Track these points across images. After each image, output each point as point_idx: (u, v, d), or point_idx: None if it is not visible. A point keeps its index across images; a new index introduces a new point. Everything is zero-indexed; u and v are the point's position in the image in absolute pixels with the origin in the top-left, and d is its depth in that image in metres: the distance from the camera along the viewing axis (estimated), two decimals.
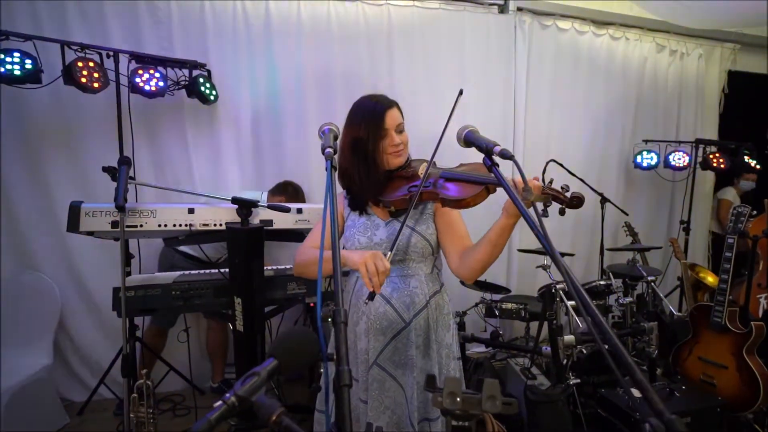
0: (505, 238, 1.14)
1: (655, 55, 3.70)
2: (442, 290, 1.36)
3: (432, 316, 1.30)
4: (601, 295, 2.50)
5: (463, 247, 1.27)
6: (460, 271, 1.27)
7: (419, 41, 3.04)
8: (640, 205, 3.80)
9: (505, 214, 1.11)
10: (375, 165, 1.24)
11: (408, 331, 1.26)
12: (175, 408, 2.66)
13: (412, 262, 1.29)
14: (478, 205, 1.15)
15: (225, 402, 0.52)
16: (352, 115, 1.29)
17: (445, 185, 1.18)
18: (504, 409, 0.58)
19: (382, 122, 1.24)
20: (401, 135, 1.28)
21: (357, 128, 1.24)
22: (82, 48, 2.24)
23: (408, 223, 1.27)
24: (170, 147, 2.70)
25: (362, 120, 1.25)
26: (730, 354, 2.13)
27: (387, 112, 1.25)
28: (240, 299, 1.72)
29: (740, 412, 2.09)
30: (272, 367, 0.56)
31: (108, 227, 1.55)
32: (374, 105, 1.27)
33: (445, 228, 1.31)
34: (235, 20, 2.73)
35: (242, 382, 0.53)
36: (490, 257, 1.18)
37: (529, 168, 3.26)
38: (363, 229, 1.30)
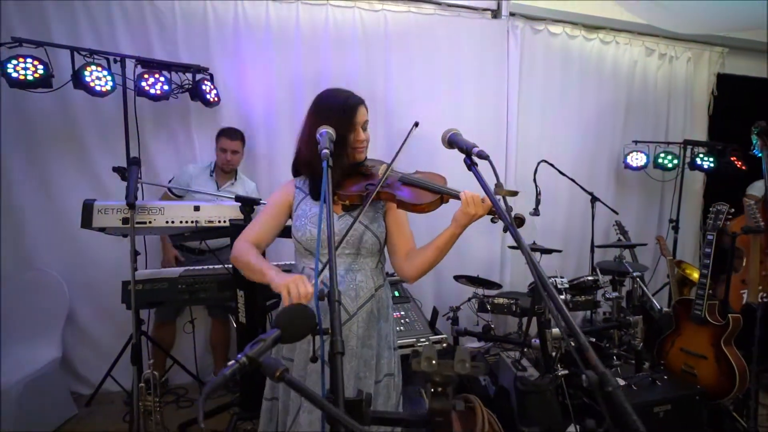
0: (450, 245, 1.23)
1: (645, 59, 3.81)
2: (386, 283, 1.43)
3: (374, 307, 1.36)
4: (589, 290, 2.60)
5: (408, 248, 1.34)
6: (404, 269, 1.34)
7: (415, 46, 3.15)
8: (631, 205, 3.91)
9: (454, 224, 1.18)
10: (339, 158, 1.28)
11: (351, 323, 1.32)
12: (178, 400, 2.76)
13: (361, 257, 1.34)
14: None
15: (237, 362, 0.62)
16: (320, 107, 1.32)
17: (402, 188, 1.26)
18: (473, 371, 0.68)
19: (353, 117, 1.29)
20: (365, 132, 1.35)
21: (326, 120, 1.24)
22: (91, 53, 2.34)
23: (362, 220, 1.32)
24: (174, 148, 2.80)
25: (332, 113, 1.28)
26: (710, 345, 2.23)
27: (358, 108, 1.31)
28: (243, 292, 1.82)
29: (718, 399, 2.20)
30: (275, 336, 0.66)
31: (119, 224, 1.65)
32: (345, 99, 1.31)
33: (394, 228, 1.38)
34: (236, 25, 2.84)
35: (251, 347, 0.62)
36: (436, 260, 1.27)
37: (522, 168, 3.39)
38: (315, 220, 1.30)
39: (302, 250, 1.36)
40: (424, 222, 1.61)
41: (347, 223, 1.31)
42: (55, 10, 2.52)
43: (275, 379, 0.60)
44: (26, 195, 2.62)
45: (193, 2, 2.76)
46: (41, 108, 2.53)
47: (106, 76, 2.33)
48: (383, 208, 1.40)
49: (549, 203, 3.53)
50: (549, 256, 3.40)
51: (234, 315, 1.89)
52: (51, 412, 2.44)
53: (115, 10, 2.62)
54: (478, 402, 2.03)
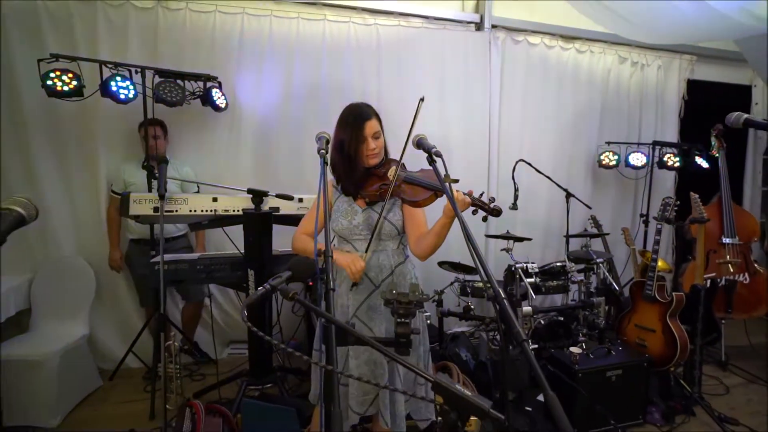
0: (445, 231, 1.51)
1: (618, 66, 4.14)
2: (407, 261, 1.74)
3: (397, 280, 1.67)
4: (558, 275, 2.92)
5: (420, 234, 1.64)
6: (416, 252, 1.65)
7: (404, 56, 3.45)
8: (606, 201, 4.23)
9: (444, 215, 1.47)
10: (355, 163, 1.61)
11: (378, 292, 1.64)
12: (192, 374, 3.08)
13: (383, 241, 1.66)
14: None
15: (264, 287, 0.93)
16: (340, 120, 1.63)
17: (405, 189, 1.56)
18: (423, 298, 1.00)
19: (362, 131, 1.59)
20: (377, 141, 1.63)
21: (342, 132, 1.59)
22: (116, 66, 2.66)
23: (377, 210, 1.64)
24: (187, 147, 3.11)
25: (347, 126, 1.60)
26: (658, 320, 2.56)
27: (366, 122, 1.60)
28: (253, 271, 2.14)
29: (663, 366, 2.52)
30: (288, 275, 0.97)
31: (151, 212, 1.97)
32: (357, 115, 1.60)
33: (407, 218, 1.68)
34: (241, 38, 3.13)
35: (272, 280, 0.94)
36: (437, 244, 1.56)
37: (504, 167, 3.71)
38: (344, 213, 1.65)
39: (339, 237, 1.69)
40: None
41: (369, 215, 1.64)
42: (80, 25, 2.83)
43: (288, 298, 0.91)
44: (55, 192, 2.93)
45: (203, 15, 3.07)
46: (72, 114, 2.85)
47: (129, 86, 2.64)
48: (399, 202, 1.69)
49: (530, 199, 3.87)
50: (531, 247, 3.74)
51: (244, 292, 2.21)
52: (81, 382, 2.76)
53: (132, 23, 2.92)
54: (455, 367, 2.37)
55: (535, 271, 2.82)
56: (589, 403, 2.31)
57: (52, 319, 2.81)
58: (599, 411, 2.32)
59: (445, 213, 1.45)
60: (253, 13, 3.11)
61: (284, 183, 3.19)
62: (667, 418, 2.50)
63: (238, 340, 3.49)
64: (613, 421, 2.30)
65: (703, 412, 2.55)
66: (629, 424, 2.43)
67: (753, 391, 2.86)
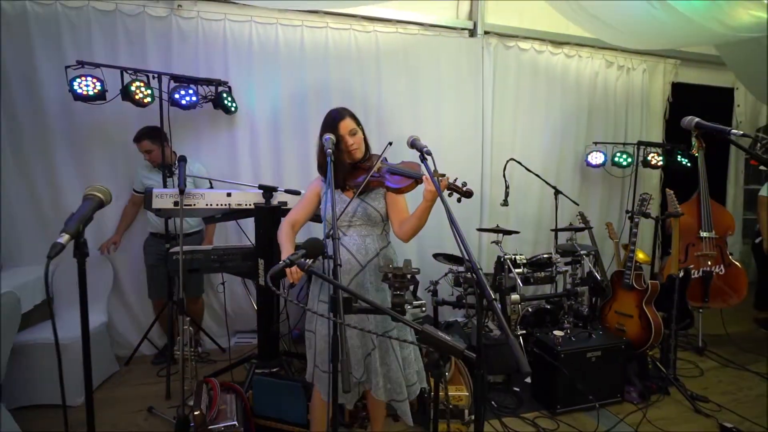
0: (426, 214, 1.72)
1: (605, 70, 4.36)
2: (389, 246, 1.95)
3: (381, 262, 1.86)
4: (545, 266, 3.14)
5: (402, 218, 1.86)
6: (399, 234, 1.86)
7: (402, 61, 3.66)
8: (594, 198, 4.45)
9: (424, 200, 1.66)
10: (340, 159, 1.81)
11: (364, 272, 1.83)
12: (203, 360, 3.28)
13: (368, 226, 1.86)
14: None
15: (284, 261, 1.13)
16: (322, 125, 1.86)
17: (388, 177, 1.77)
18: (413, 272, 1.20)
19: (337, 130, 1.80)
20: (354, 137, 1.82)
21: (323, 134, 1.80)
22: (135, 72, 2.86)
23: (366, 199, 1.86)
24: (200, 147, 3.31)
25: (327, 127, 1.83)
26: (635, 306, 2.78)
27: (340, 123, 1.81)
28: (263, 260, 2.35)
29: (640, 349, 2.74)
30: (302, 252, 1.18)
31: (171, 206, 2.17)
32: (333, 118, 1.83)
33: (390, 205, 1.90)
34: (250, 45, 3.33)
35: (290, 256, 1.14)
36: (418, 226, 1.77)
37: (496, 166, 3.92)
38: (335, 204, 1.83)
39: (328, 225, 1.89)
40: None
41: (357, 204, 1.85)
42: (99, 33, 3.03)
43: (304, 271, 1.11)
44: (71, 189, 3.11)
45: (214, 23, 3.27)
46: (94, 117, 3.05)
47: (147, 90, 2.84)
48: (383, 192, 1.91)
49: (521, 196, 4.09)
50: (522, 242, 3.96)
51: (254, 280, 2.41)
52: (100, 366, 2.96)
53: (148, 31, 3.12)
54: None
55: (523, 262, 3.03)
56: (571, 382, 2.52)
57: (73, 307, 3.01)
58: (580, 389, 2.53)
59: (426, 198, 1.65)
60: (261, 21, 3.31)
61: (291, 179, 3.42)
62: (644, 396, 2.71)
63: (244, 330, 3.70)
64: (592, 397, 2.52)
65: (677, 391, 2.77)
66: (608, 402, 2.64)
67: (725, 374, 3.08)
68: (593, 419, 2.49)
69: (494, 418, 2.51)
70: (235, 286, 3.49)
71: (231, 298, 3.50)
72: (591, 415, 2.53)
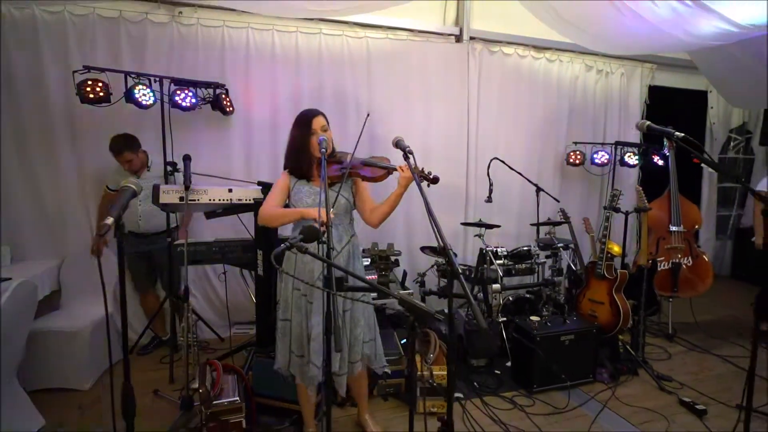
0: (398, 200, 1.97)
1: (585, 74, 4.59)
2: (355, 235, 2.15)
3: (351, 249, 2.10)
4: (524, 257, 3.36)
5: (370, 206, 2.10)
6: (370, 219, 2.09)
7: (392, 65, 3.86)
8: (574, 195, 4.69)
9: (399, 185, 1.90)
10: (307, 153, 2.02)
11: (339, 256, 2.02)
12: (203, 348, 3.46)
13: (340, 216, 2.06)
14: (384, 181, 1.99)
15: (285, 244, 1.32)
16: (294, 124, 2.06)
17: (363, 168, 2.00)
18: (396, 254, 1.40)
19: (311, 125, 2.01)
20: (326, 133, 2.02)
21: (295, 130, 2.03)
22: (138, 76, 3.03)
23: (335, 189, 2.03)
24: (199, 147, 3.47)
25: (299, 125, 2.03)
26: (606, 293, 3.01)
27: (314, 119, 2.01)
28: (261, 251, 2.53)
29: (609, 333, 2.97)
30: (301, 237, 1.37)
31: (177, 200, 2.36)
32: (306, 115, 2.03)
33: (359, 194, 2.12)
34: (247, 49, 3.52)
35: (290, 239, 1.34)
36: (388, 212, 2.02)
37: (481, 165, 4.14)
38: (307, 194, 2.03)
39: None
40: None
41: (332, 195, 2.01)
42: (103, 38, 3.20)
43: (302, 252, 1.31)
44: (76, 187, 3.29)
45: (213, 29, 3.45)
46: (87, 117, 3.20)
47: (149, 93, 3.01)
48: (351, 183, 2.12)
49: (505, 193, 4.31)
50: (505, 237, 4.18)
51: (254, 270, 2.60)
52: (105, 353, 3.13)
53: (150, 37, 3.29)
54: (433, 334, 2.78)
55: (504, 254, 3.25)
56: (546, 364, 2.74)
57: (79, 298, 3.18)
58: (554, 370, 2.75)
59: (400, 184, 1.89)
60: (257, 28, 3.50)
61: None
62: (614, 377, 2.94)
63: (241, 322, 3.88)
64: (564, 376, 2.74)
65: (645, 372, 3.00)
66: (581, 382, 2.87)
67: (690, 357, 3.33)
68: (566, 397, 2.71)
69: (476, 396, 2.73)
70: (231, 280, 3.67)
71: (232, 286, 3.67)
72: (565, 394, 2.75)
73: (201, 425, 2.18)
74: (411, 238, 3.91)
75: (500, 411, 2.60)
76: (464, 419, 2.51)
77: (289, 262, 2.09)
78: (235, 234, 3.21)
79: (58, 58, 3.08)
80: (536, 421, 2.50)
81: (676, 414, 2.58)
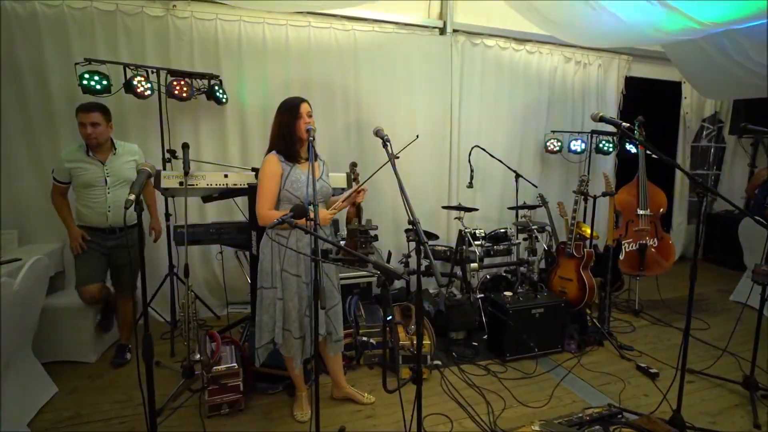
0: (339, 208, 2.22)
1: (564, 65, 4.81)
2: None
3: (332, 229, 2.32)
4: (501, 239, 3.61)
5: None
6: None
7: (378, 57, 4.04)
8: (553, 181, 4.93)
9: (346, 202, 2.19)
10: (294, 137, 2.18)
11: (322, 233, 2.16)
12: (201, 325, 3.68)
13: (323, 202, 2.29)
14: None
15: (278, 219, 1.54)
16: (279, 109, 2.21)
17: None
18: (373, 228, 1.63)
19: (297, 110, 2.18)
20: (311, 119, 2.21)
21: (282, 116, 2.19)
22: (136, 67, 3.20)
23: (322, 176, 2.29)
24: (194, 135, 3.65)
25: (285, 111, 2.19)
26: (574, 271, 3.27)
27: (301, 104, 2.19)
28: (255, 232, 2.74)
29: (576, 307, 3.24)
30: (292, 214, 1.59)
31: (177, 185, 2.55)
32: (293, 100, 2.21)
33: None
34: (239, 41, 3.68)
35: (282, 216, 1.55)
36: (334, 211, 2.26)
37: (464, 152, 4.36)
38: (306, 183, 2.16)
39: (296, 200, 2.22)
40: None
41: (321, 184, 2.26)
42: (101, 30, 3.34)
43: (292, 226, 1.52)
44: None
45: (207, 22, 3.60)
46: None
47: (147, 84, 3.18)
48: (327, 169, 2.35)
49: (486, 179, 4.54)
50: (486, 221, 4.42)
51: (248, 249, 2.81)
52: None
53: (147, 30, 3.44)
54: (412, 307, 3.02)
55: (482, 236, 3.49)
56: (518, 334, 3.00)
57: None
58: (525, 340, 3.02)
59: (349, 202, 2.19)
60: (249, 21, 3.66)
61: None
62: (581, 348, 3.21)
63: (236, 302, 4.09)
64: (534, 345, 3.00)
65: (609, 344, 3.28)
66: (550, 352, 3.14)
67: (653, 330, 3.62)
68: (536, 365, 2.98)
69: (454, 365, 2.99)
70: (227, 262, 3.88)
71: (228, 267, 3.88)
72: (535, 362, 3.02)
73: (203, 387, 2.41)
74: (396, 220, 4.14)
75: (475, 377, 2.86)
76: (442, 384, 2.77)
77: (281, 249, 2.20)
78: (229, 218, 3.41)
79: (60, 50, 3.23)
80: (507, 384, 2.77)
81: (632, 377, 2.86)
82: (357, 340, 2.94)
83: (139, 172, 1.60)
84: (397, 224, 4.18)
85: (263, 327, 2.28)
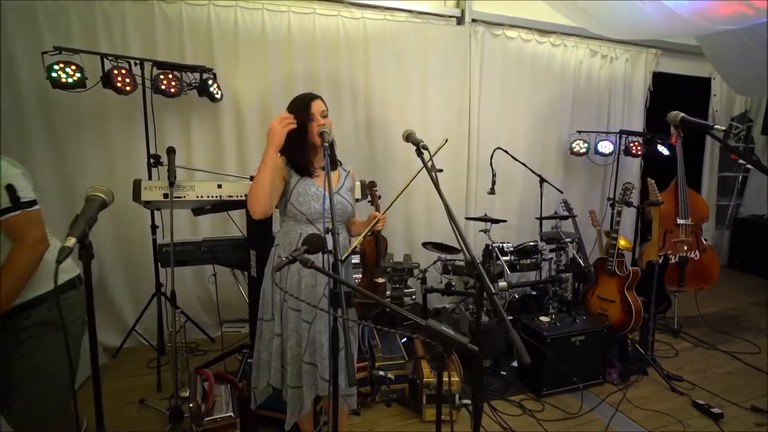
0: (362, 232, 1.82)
1: (589, 59, 4.42)
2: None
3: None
4: (531, 253, 3.22)
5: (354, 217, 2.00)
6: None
7: (390, 48, 3.64)
8: (577, 186, 4.55)
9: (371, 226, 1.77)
10: (306, 141, 1.76)
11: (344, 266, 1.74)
12: (193, 351, 3.28)
13: (342, 223, 1.89)
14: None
15: (288, 257, 1.14)
16: (289, 108, 1.76)
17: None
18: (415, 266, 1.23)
19: (310, 109, 1.74)
20: (326, 119, 1.76)
21: (295, 115, 1.71)
22: (116, 58, 2.77)
23: (341, 192, 1.87)
24: (184, 137, 3.24)
25: (296, 109, 1.74)
26: (617, 291, 2.89)
27: (313, 102, 1.75)
28: (255, 252, 2.34)
29: (621, 332, 2.86)
30: (305, 248, 1.19)
31: (161, 198, 2.14)
32: (303, 98, 1.77)
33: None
34: (236, 30, 3.26)
35: (293, 252, 1.15)
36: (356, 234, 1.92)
37: (483, 153, 3.96)
38: (315, 197, 1.75)
39: (294, 219, 1.80)
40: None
41: (337, 199, 1.81)
42: (77, 20, 2.92)
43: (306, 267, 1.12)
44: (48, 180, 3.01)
45: (198, 8, 3.18)
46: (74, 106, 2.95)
47: (129, 77, 2.76)
48: (351, 185, 1.94)
49: (507, 184, 4.15)
50: (507, 229, 4.03)
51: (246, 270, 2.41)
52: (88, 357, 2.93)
53: (129, 17, 3.01)
54: None
55: (510, 250, 3.10)
56: (556, 365, 2.62)
57: None
58: (564, 371, 2.64)
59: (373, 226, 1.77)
60: (246, 7, 3.24)
61: None
62: (624, 377, 2.84)
63: (231, 320, 3.70)
64: (575, 379, 2.62)
65: (654, 371, 2.90)
66: (590, 383, 2.76)
67: (697, 354, 3.25)
68: (577, 400, 2.60)
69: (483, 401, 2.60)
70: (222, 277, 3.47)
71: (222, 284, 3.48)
72: (574, 396, 2.64)
73: None
74: (411, 232, 3.74)
75: (509, 417, 2.48)
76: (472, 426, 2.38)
77: (282, 275, 1.83)
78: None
79: (28, 39, 2.80)
80: (548, 427, 2.38)
81: (690, 417, 2.48)
82: (372, 374, 2.54)
83: (88, 200, 1.17)
84: (410, 235, 3.77)
85: (262, 366, 1.89)
